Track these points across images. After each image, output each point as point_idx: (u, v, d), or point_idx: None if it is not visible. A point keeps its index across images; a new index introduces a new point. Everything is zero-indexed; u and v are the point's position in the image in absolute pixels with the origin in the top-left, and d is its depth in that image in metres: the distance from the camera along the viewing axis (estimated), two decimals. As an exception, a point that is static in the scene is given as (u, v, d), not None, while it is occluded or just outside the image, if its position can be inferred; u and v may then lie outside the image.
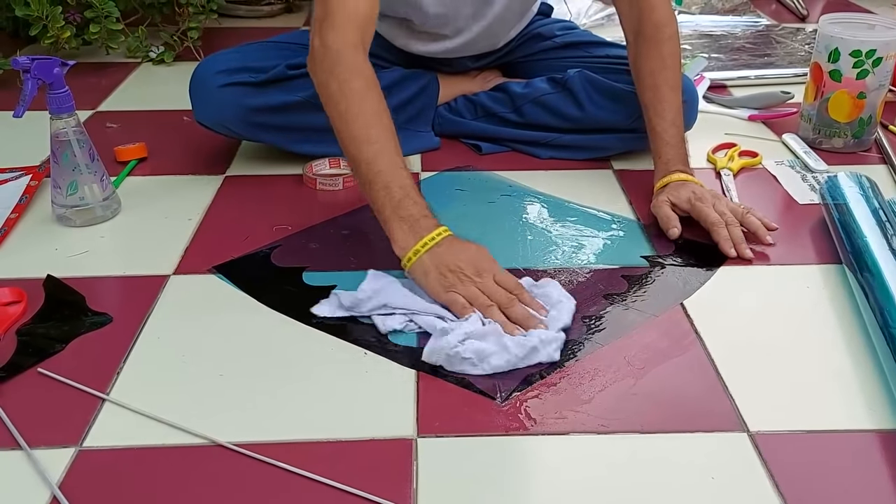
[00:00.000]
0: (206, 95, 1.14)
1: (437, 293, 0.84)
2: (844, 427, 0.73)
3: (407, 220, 0.87)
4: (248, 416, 0.75)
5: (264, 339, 0.85)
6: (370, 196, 0.90)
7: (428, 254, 0.85)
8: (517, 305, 0.83)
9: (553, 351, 0.81)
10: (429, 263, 0.85)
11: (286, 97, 1.15)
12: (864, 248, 0.91)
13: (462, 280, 0.84)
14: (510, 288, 0.85)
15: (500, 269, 0.87)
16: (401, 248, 0.87)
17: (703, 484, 0.67)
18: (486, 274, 0.85)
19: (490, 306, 0.83)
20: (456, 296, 0.83)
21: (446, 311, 0.84)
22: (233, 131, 1.17)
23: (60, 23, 1.56)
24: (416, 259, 0.86)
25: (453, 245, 0.86)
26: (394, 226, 0.87)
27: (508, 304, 0.83)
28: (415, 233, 0.86)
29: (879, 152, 1.28)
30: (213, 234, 1.05)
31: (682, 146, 1.09)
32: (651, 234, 1.04)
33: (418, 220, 0.87)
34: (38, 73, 1.00)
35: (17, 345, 0.84)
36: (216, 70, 1.14)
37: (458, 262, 0.85)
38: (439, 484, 0.67)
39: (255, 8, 2.07)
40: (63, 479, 0.68)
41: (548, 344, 0.81)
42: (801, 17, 2.02)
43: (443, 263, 0.84)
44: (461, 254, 0.86)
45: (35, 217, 1.09)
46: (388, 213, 0.88)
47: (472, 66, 1.34)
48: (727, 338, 0.85)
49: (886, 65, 1.22)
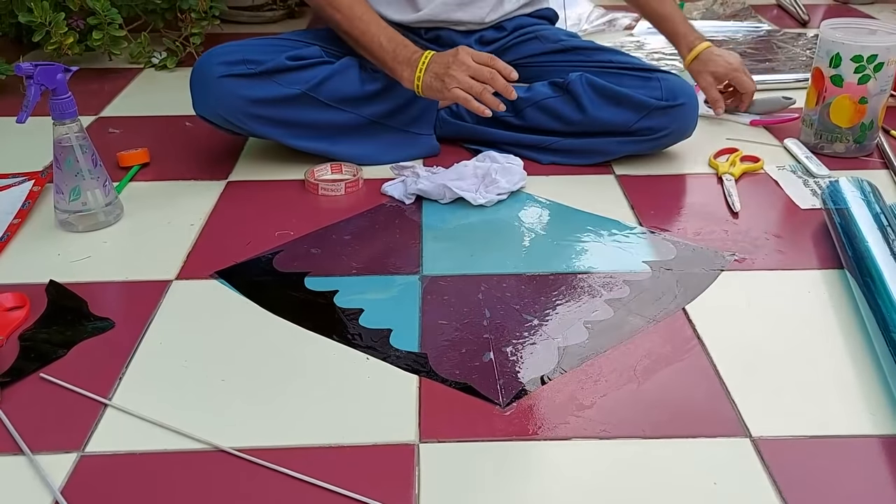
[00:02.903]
0: (206, 86, 1.14)
1: (444, 94, 1.14)
2: (847, 432, 0.73)
3: (403, 62, 1.16)
4: (251, 421, 0.75)
5: (266, 345, 0.85)
6: (373, 56, 1.19)
7: (425, 74, 1.15)
8: (497, 79, 1.13)
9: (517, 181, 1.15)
10: (429, 79, 1.15)
11: (285, 90, 1.16)
12: (866, 253, 0.91)
13: (454, 76, 1.12)
14: (485, 61, 1.14)
15: (471, 51, 1.15)
16: (409, 82, 1.17)
17: (705, 489, 0.67)
18: (466, 59, 1.13)
19: (482, 91, 1.13)
20: (457, 91, 1.13)
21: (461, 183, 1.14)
22: (232, 124, 1.17)
23: (63, 29, 1.56)
24: (420, 83, 1.15)
25: (437, 58, 1.15)
26: (397, 70, 1.17)
27: (492, 79, 1.13)
28: (411, 67, 1.16)
29: (881, 157, 1.28)
30: (215, 240, 1.06)
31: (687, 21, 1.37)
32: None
33: (410, 58, 1.16)
34: (41, 79, 1.00)
35: (20, 350, 0.84)
36: (216, 62, 1.14)
37: (444, 66, 1.14)
38: (441, 489, 0.67)
39: (257, 14, 2.07)
40: (65, 485, 0.68)
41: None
42: (802, 23, 2.02)
43: (436, 74, 1.14)
44: (442, 59, 1.15)
45: (38, 222, 1.10)
46: (391, 63, 1.17)
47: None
48: (729, 343, 0.85)
49: (888, 70, 1.22)
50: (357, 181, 1.18)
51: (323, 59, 1.20)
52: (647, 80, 1.20)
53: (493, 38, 1.33)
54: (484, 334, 0.86)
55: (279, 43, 1.23)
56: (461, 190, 1.12)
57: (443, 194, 1.13)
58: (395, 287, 0.95)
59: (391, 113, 1.24)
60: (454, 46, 1.30)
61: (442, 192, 1.12)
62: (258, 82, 1.15)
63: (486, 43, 1.33)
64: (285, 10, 2.12)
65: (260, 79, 1.15)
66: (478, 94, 1.13)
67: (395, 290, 0.94)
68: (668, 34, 1.38)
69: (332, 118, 1.21)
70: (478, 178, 1.15)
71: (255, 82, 1.15)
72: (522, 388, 0.79)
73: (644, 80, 1.20)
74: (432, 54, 1.16)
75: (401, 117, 1.25)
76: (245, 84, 1.14)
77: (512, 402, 0.77)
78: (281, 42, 1.23)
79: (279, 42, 1.23)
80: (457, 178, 1.15)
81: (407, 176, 1.18)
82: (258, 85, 1.15)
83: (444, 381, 0.80)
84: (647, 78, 1.21)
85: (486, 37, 1.33)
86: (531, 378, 0.80)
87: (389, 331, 0.87)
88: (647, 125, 1.19)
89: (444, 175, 1.16)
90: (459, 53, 1.14)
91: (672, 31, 1.36)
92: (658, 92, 1.18)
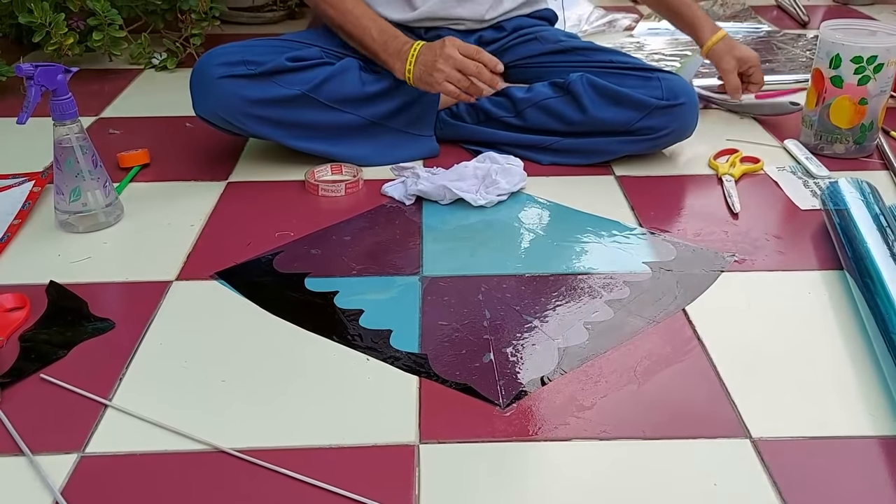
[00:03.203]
0: (206, 87, 1.14)
1: (434, 88, 1.17)
2: (846, 433, 0.73)
3: (394, 54, 1.19)
4: (251, 422, 0.75)
5: (267, 346, 0.85)
6: (366, 48, 1.22)
7: (415, 66, 1.17)
8: (483, 72, 1.15)
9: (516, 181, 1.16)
10: (419, 71, 1.17)
11: (285, 90, 1.16)
12: (866, 254, 0.91)
13: (441, 70, 1.14)
14: (471, 53, 1.15)
15: (458, 43, 1.16)
16: (400, 73, 1.19)
17: (705, 490, 0.67)
18: (452, 52, 1.15)
19: (469, 85, 1.16)
20: (447, 85, 1.15)
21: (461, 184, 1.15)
22: (231, 124, 1.17)
23: (64, 30, 1.56)
24: (411, 75, 1.17)
25: (425, 49, 1.17)
26: (389, 62, 1.20)
27: (478, 73, 1.15)
28: (402, 59, 1.18)
29: (881, 158, 1.28)
30: (215, 240, 1.06)
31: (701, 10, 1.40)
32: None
33: (400, 50, 1.18)
34: (41, 79, 1.00)
35: (20, 351, 0.84)
36: (216, 62, 1.14)
37: (432, 58, 1.15)
38: (441, 490, 0.67)
39: (257, 14, 2.08)
40: (65, 485, 0.68)
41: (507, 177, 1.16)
42: (801, 24, 2.02)
43: (425, 67, 1.16)
44: (430, 51, 1.16)
45: (38, 223, 1.10)
46: (382, 55, 1.20)
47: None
48: (729, 344, 0.85)
49: (888, 71, 1.22)
50: (357, 182, 1.18)
51: (323, 59, 1.20)
52: (647, 80, 1.20)
53: (492, 38, 1.34)
54: (484, 335, 0.86)
55: (279, 44, 1.23)
56: (461, 191, 1.12)
57: (443, 195, 1.13)
58: (395, 288, 0.95)
59: (391, 114, 1.24)
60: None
61: (442, 192, 1.13)
62: (258, 83, 1.15)
63: (486, 43, 1.33)
64: (285, 11, 2.12)
65: (260, 79, 1.15)
66: (465, 88, 1.16)
67: (395, 290, 0.95)
68: (686, 19, 1.37)
69: (333, 119, 1.21)
70: (478, 178, 1.15)
71: (255, 83, 1.15)
72: (522, 389, 0.79)
73: (644, 80, 1.20)
74: (422, 45, 1.18)
75: (401, 118, 1.26)
76: (245, 85, 1.14)
77: (512, 403, 0.77)
78: (281, 43, 1.24)
79: (279, 43, 1.24)
80: (457, 178, 1.15)
81: (407, 177, 1.18)
82: (258, 86, 1.15)
83: (444, 382, 0.80)
84: (647, 78, 1.21)
85: (486, 37, 1.33)
86: (531, 379, 0.80)
87: (389, 331, 0.87)
88: (647, 125, 1.19)
89: (444, 176, 1.16)
90: (446, 46, 1.16)
91: (691, 16, 1.37)
92: (658, 91, 1.19)
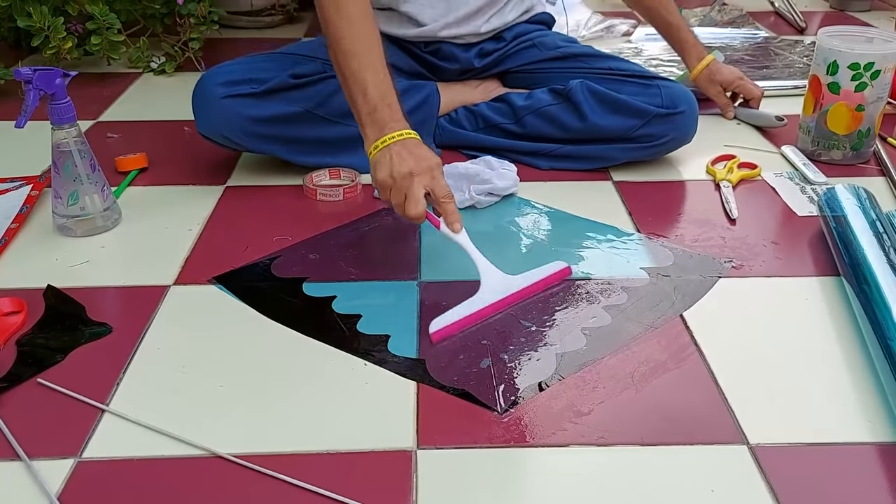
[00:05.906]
0: (209, 107, 1.14)
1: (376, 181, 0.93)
2: (843, 440, 0.74)
3: (378, 123, 0.95)
4: (248, 427, 0.75)
5: (264, 350, 0.85)
6: (352, 103, 0.98)
7: (384, 150, 0.93)
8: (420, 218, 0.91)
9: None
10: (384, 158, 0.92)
11: (288, 108, 1.16)
12: (862, 261, 0.91)
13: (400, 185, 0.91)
14: (438, 198, 0.92)
15: (439, 181, 0.93)
16: (368, 142, 0.95)
17: (702, 496, 0.67)
18: (419, 191, 0.91)
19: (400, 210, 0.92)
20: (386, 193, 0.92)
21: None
22: (235, 143, 1.17)
23: (62, 33, 1.56)
24: (376, 151, 0.93)
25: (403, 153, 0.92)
26: (366, 126, 0.96)
27: (416, 217, 0.91)
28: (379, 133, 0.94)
29: (878, 164, 1.28)
30: (213, 245, 1.06)
31: (692, 31, 1.42)
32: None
33: (387, 123, 0.95)
34: (39, 83, 1.00)
35: (17, 355, 0.84)
36: (218, 81, 1.14)
37: (408, 171, 0.91)
38: (439, 496, 0.67)
39: (256, 19, 2.08)
40: (62, 491, 0.68)
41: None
42: (799, 30, 2.02)
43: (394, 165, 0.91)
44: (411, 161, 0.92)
45: (36, 227, 1.10)
46: (364, 117, 0.96)
47: (470, 65, 1.33)
48: (727, 350, 0.85)
49: (885, 77, 1.22)
50: (355, 187, 1.18)
51: (325, 74, 1.18)
52: (647, 87, 1.21)
53: (492, 49, 1.33)
54: (482, 340, 0.86)
55: (280, 59, 1.21)
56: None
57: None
58: (393, 293, 0.95)
59: None
60: (454, 59, 1.31)
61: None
62: (261, 102, 1.14)
63: (486, 55, 1.33)
64: (284, 16, 2.12)
65: (263, 98, 1.14)
66: (394, 206, 0.93)
67: (393, 295, 0.95)
68: (674, 42, 1.42)
69: (335, 133, 1.20)
70: (467, 177, 1.15)
71: (258, 102, 1.14)
72: (520, 395, 0.79)
73: (644, 87, 1.21)
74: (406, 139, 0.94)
75: None
76: (248, 104, 1.14)
77: (510, 409, 0.77)
78: (282, 58, 1.22)
79: (280, 58, 1.22)
80: (448, 180, 1.15)
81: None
82: (261, 104, 1.14)
83: (442, 388, 0.80)
84: (647, 85, 1.21)
85: (486, 48, 1.33)
86: (529, 384, 0.80)
87: (387, 337, 0.87)
88: (647, 132, 1.19)
89: None
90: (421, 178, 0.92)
91: (679, 40, 1.40)
92: (658, 99, 1.19)
